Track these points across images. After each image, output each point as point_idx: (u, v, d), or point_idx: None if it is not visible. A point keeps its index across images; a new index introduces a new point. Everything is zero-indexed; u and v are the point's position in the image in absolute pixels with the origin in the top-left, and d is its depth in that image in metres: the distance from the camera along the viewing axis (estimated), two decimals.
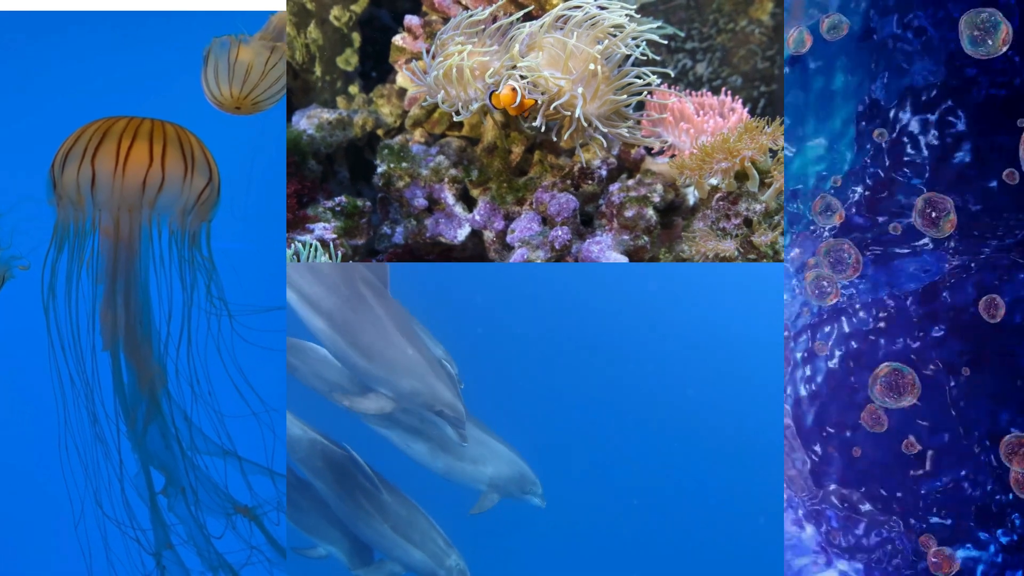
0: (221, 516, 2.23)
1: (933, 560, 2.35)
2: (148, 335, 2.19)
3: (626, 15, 2.55)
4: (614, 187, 2.66)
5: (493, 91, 2.47)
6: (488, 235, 2.74)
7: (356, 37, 3.10)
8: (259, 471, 2.27)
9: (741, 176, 2.56)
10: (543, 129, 2.56)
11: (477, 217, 2.74)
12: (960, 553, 2.42)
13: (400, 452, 2.73)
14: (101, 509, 2.19)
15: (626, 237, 2.61)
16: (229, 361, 2.22)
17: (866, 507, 2.49)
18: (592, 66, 2.47)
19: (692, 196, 2.71)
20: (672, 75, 2.64)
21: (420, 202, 2.77)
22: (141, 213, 2.16)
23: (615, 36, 2.54)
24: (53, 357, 2.17)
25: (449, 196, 2.77)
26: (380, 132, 3.01)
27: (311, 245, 2.63)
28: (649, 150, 2.76)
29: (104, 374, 2.17)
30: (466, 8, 2.71)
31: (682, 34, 3.03)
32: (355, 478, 2.47)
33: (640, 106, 2.71)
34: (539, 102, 2.49)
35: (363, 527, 2.47)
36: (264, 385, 2.27)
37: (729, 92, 2.76)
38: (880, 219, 2.53)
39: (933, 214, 2.19)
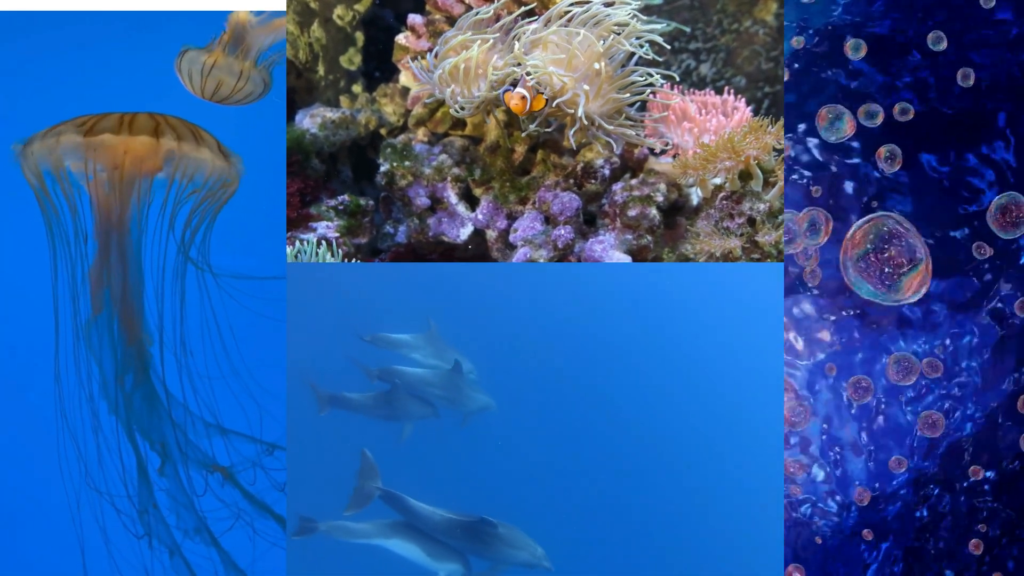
0: (201, 477, 2.24)
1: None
2: (140, 304, 2.17)
3: (629, 14, 2.55)
4: (617, 186, 2.65)
5: (508, 90, 2.44)
6: (491, 234, 2.74)
7: (359, 36, 3.10)
8: (241, 438, 2.30)
9: (745, 175, 2.56)
10: (544, 129, 2.55)
11: (480, 216, 2.74)
12: None
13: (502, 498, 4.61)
14: (90, 481, 2.19)
15: (629, 236, 2.61)
16: (223, 326, 2.22)
17: None
18: (596, 64, 2.46)
19: (695, 196, 2.70)
20: (676, 77, 2.63)
21: (423, 201, 2.77)
22: (140, 180, 2.11)
23: (618, 35, 2.54)
24: (56, 328, 2.17)
25: (452, 195, 2.76)
26: (383, 131, 3.00)
27: (313, 243, 2.63)
28: (652, 150, 2.75)
29: (95, 337, 2.16)
30: (470, 7, 2.70)
31: (687, 30, 3.02)
32: (485, 529, 3.62)
33: (644, 106, 2.71)
34: (546, 97, 2.46)
35: (490, 553, 3.68)
36: (252, 354, 2.28)
37: (732, 92, 2.76)
38: None
39: None
